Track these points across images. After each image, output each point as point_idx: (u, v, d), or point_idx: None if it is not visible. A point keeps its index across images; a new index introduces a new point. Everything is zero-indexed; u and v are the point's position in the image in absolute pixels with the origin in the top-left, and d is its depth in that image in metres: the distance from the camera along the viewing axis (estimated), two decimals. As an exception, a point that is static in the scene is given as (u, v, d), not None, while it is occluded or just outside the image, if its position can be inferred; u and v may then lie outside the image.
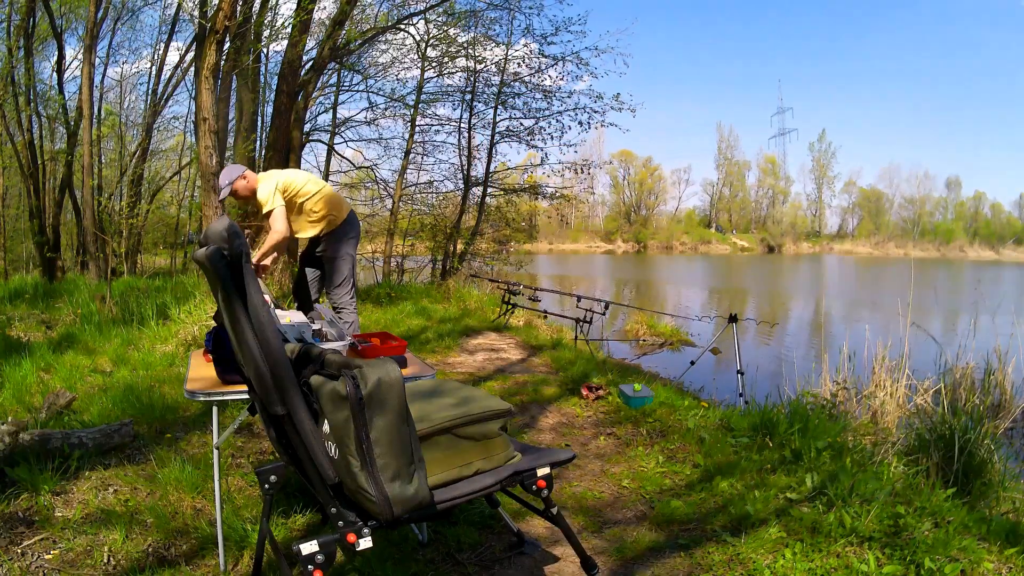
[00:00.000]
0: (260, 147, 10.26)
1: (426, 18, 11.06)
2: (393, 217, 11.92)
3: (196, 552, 2.02)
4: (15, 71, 10.74)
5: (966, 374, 4.65)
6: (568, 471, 2.83)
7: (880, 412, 4.18)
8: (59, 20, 11.36)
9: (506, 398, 3.78)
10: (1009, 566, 1.99)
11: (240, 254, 1.34)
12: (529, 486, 1.61)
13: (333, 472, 1.37)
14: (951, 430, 3.08)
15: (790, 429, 3.04)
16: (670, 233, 53.66)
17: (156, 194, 14.48)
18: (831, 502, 2.30)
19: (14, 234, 13.89)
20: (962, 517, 2.24)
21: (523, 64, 11.82)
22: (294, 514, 2.25)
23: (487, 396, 1.68)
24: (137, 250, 13.46)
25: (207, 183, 5.95)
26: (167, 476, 2.45)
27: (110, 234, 9.30)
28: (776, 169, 59.88)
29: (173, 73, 13.57)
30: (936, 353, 4.81)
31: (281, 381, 1.37)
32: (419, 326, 6.65)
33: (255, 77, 9.71)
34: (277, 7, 9.57)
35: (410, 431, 1.35)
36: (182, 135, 14.76)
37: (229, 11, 5.69)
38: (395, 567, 1.94)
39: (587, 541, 2.18)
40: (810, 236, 57.45)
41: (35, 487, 2.31)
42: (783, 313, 12.95)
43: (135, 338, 5.12)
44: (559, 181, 13.96)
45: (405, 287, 10.03)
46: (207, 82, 5.84)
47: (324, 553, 1.34)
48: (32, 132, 11.45)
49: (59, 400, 3.22)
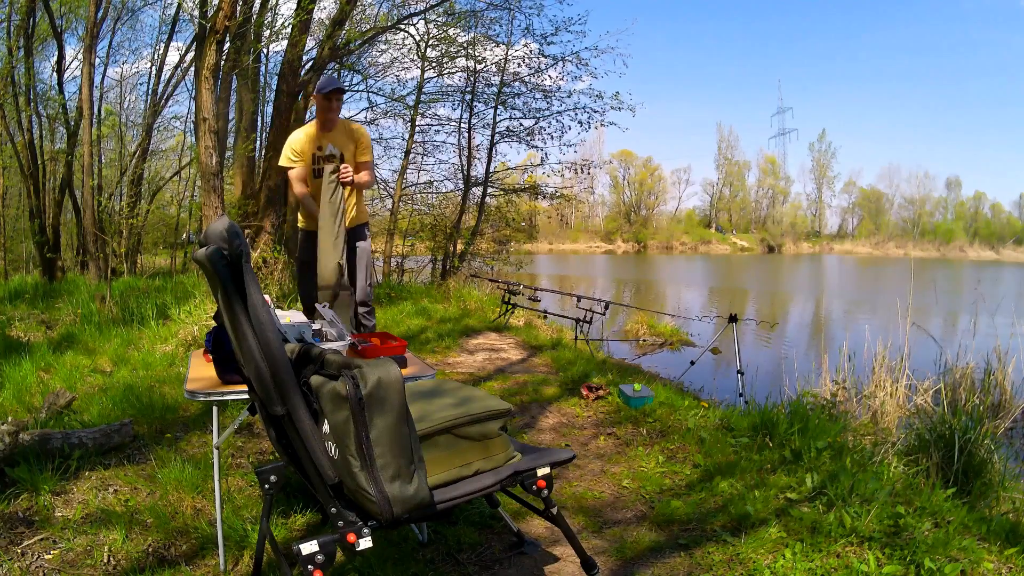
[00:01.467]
0: (260, 147, 10.25)
1: (426, 18, 11.07)
2: (393, 217, 11.92)
3: (196, 552, 2.02)
4: (15, 71, 10.73)
5: (966, 374, 4.65)
6: (568, 471, 2.83)
7: (880, 412, 4.18)
8: (59, 20, 11.35)
9: (506, 398, 3.78)
10: (1009, 566, 1.99)
11: (240, 254, 1.34)
12: (529, 486, 1.61)
13: (333, 472, 1.37)
14: (951, 430, 3.08)
15: (790, 429, 3.04)
16: (670, 233, 53.66)
17: (156, 194, 14.48)
18: (831, 502, 2.30)
19: (14, 234, 13.90)
20: (962, 517, 2.24)
21: (523, 64, 11.84)
22: (294, 514, 2.25)
23: (487, 396, 1.68)
24: (137, 250, 13.45)
25: (207, 183, 5.95)
26: (167, 476, 2.45)
27: (110, 234, 9.30)
28: (776, 169, 59.94)
29: (173, 73, 13.57)
30: (936, 353, 4.81)
31: (281, 381, 1.37)
32: (419, 326, 6.65)
33: (255, 77, 9.70)
34: (277, 7, 9.58)
35: (410, 431, 1.35)
36: (182, 135, 14.76)
37: (229, 11, 5.69)
38: (395, 567, 1.94)
39: (587, 541, 2.18)
40: (810, 236, 57.45)
41: (35, 487, 2.31)
42: (783, 313, 12.95)
43: (135, 338, 5.12)
44: (559, 181, 13.97)
45: (405, 287, 10.03)
46: (207, 82, 5.84)
47: (324, 553, 1.34)
48: (32, 132, 11.44)
49: (59, 400, 3.21)
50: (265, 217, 8.42)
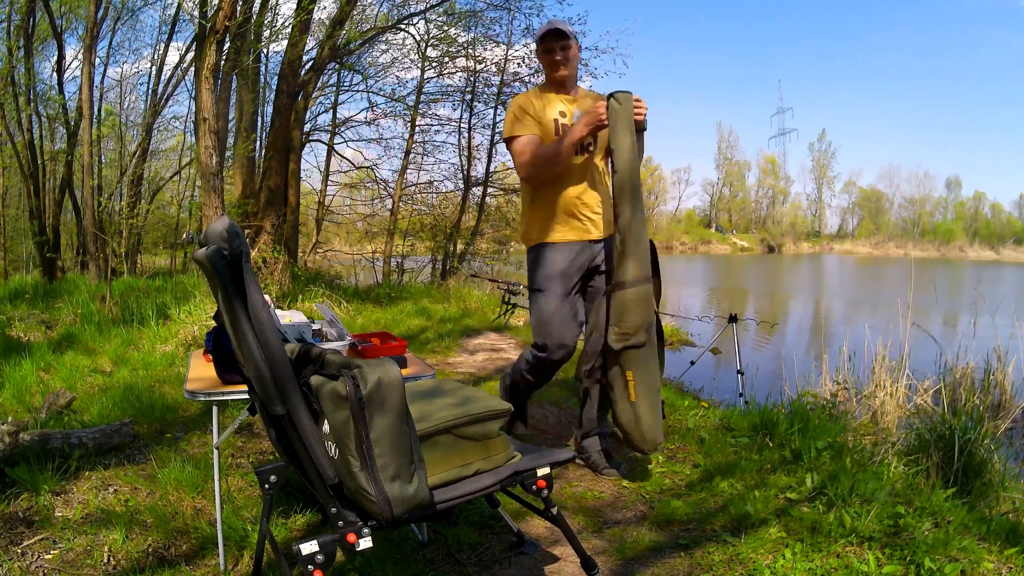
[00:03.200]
0: (260, 147, 10.25)
1: (426, 18, 11.07)
2: (393, 217, 11.91)
3: (196, 552, 2.02)
4: (15, 71, 10.73)
5: (966, 374, 4.65)
6: (568, 471, 2.83)
7: (880, 412, 4.18)
8: (59, 20, 11.35)
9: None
10: (1009, 566, 1.99)
11: (240, 254, 1.34)
12: (529, 486, 1.61)
13: (333, 472, 1.37)
14: (951, 430, 3.08)
15: (790, 429, 3.04)
16: (670, 233, 53.59)
17: (156, 194, 14.46)
18: (831, 502, 2.30)
19: (14, 234, 13.89)
20: (962, 517, 2.24)
21: (523, 64, 11.82)
22: (294, 514, 2.25)
23: (487, 396, 1.68)
24: (137, 250, 13.45)
25: (207, 183, 5.95)
26: (167, 476, 2.45)
27: (110, 234, 9.29)
28: (776, 169, 59.93)
29: (173, 73, 13.57)
30: (936, 353, 4.81)
31: (281, 381, 1.37)
32: (419, 326, 6.65)
33: (255, 77, 9.70)
34: (277, 7, 9.59)
35: (410, 431, 1.35)
36: (182, 135, 14.75)
37: (229, 11, 5.69)
38: (395, 567, 1.94)
39: (587, 541, 2.18)
40: (810, 236, 57.42)
41: (35, 487, 2.31)
42: (783, 313, 12.95)
43: (135, 338, 5.12)
44: (559, 181, 13.93)
45: (405, 287, 10.02)
46: (207, 82, 5.84)
47: (324, 553, 1.34)
48: (32, 132, 11.44)
49: (59, 400, 3.21)
50: (265, 217, 8.42)
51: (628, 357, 2.47)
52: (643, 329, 2.44)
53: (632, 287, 2.43)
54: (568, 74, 2.60)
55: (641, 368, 2.48)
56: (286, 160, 8.93)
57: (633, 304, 2.43)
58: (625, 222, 2.42)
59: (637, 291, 2.43)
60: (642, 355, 2.47)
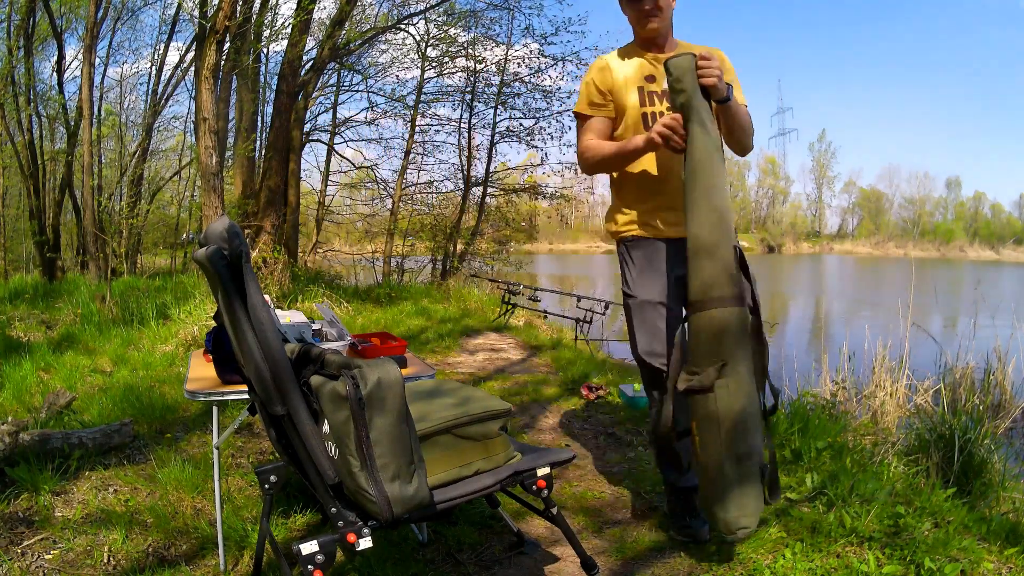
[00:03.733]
0: (260, 147, 10.26)
1: (426, 18, 11.08)
2: (393, 217, 11.92)
3: (196, 552, 2.02)
4: (15, 71, 10.74)
5: (966, 374, 4.65)
6: (568, 471, 2.83)
7: (880, 412, 4.18)
8: (59, 20, 11.35)
9: (506, 398, 3.78)
10: (1009, 566, 1.99)
11: (240, 254, 1.34)
12: (529, 486, 1.61)
13: (333, 472, 1.37)
14: (951, 430, 3.07)
15: (790, 429, 3.04)
16: (670, 233, 53.49)
17: (156, 194, 14.47)
18: (831, 502, 2.30)
19: (14, 234, 13.88)
20: (962, 517, 2.24)
21: (523, 64, 11.84)
22: (294, 514, 2.25)
23: (487, 396, 1.68)
24: (137, 250, 13.45)
25: (207, 183, 5.96)
26: (167, 476, 2.45)
27: (110, 234, 9.29)
28: (776, 169, 60.03)
29: (173, 73, 13.58)
30: (936, 353, 4.80)
31: (281, 381, 1.37)
32: (419, 326, 6.65)
33: (255, 77, 9.71)
34: (277, 7, 9.60)
35: (410, 431, 1.35)
36: (182, 135, 14.77)
37: (229, 11, 5.69)
38: (395, 567, 1.94)
39: (587, 541, 2.18)
40: (810, 236, 57.49)
41: (35, 487, 2.31)
42: (783, 313, 12.95)
43: (135, 338, 5.12)
44: (559, 181, 13.97)
45: (405, 287, 10.03)
46: (207, 82, 5.84)
47: (324, 553, 1.34)
48: (32, 132, 11.44)
49: (59, 400, 3.22)
50: (265, 217, 8.43)
51: (694, 404, 1.87)
52: (714, 368, 1.81)
53: (705, 310, 1.84)
54: (660, 28, 2.06)
55: (705, 424, 1.83)
56: (286, 160, 8.93)
57: (703, 334, 1.84)
58: (695, 229, 1.89)
59: (711, 316, 1.83)
60: (709, 404, 1.81)
